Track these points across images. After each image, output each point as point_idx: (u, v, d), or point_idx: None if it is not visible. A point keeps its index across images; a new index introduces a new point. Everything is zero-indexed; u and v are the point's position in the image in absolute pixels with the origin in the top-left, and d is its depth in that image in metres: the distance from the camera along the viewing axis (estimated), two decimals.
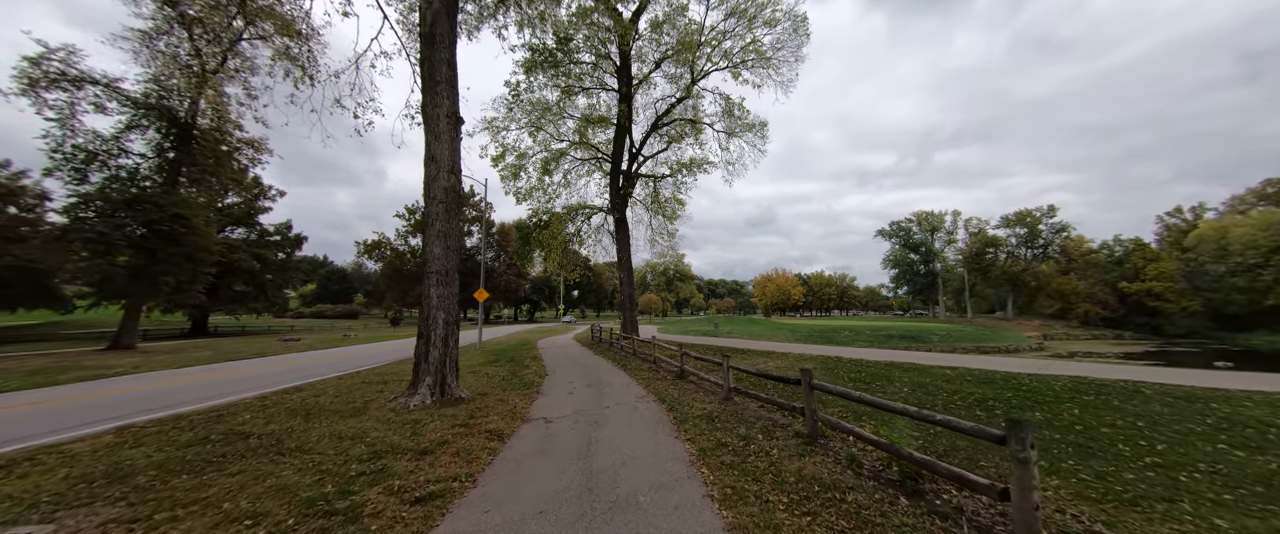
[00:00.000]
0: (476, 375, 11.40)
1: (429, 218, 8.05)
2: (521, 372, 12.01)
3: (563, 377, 11.16)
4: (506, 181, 19.22)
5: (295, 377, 11.95)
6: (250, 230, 45.13)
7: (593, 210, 20.46)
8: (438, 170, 8.03)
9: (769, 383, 8.51)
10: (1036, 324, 65.11)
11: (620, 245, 19.72)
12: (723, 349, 17.38)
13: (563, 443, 5.50)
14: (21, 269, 26.27)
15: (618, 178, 19.87)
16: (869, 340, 45.30)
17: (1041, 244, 69.69)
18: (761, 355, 14.64)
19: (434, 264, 7.98)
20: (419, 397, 7.61)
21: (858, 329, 51.98)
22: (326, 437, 5.70)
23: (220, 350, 22.23)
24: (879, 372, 10.31)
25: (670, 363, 11.89)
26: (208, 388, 10.09)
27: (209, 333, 41.17)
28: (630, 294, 20.27)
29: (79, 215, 22.14)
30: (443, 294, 7.99)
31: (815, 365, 11.56)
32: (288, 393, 8.87)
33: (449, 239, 8.06)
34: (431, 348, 7.89)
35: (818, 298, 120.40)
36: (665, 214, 21.17)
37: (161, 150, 24.07)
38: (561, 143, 18.69)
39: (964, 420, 3.71)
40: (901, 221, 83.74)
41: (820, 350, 17.34)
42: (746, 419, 6.37)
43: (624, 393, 8.72)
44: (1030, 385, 8.35)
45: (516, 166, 19.12)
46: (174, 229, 22.85)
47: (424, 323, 8.00)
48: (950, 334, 48.01)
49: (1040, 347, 48.02)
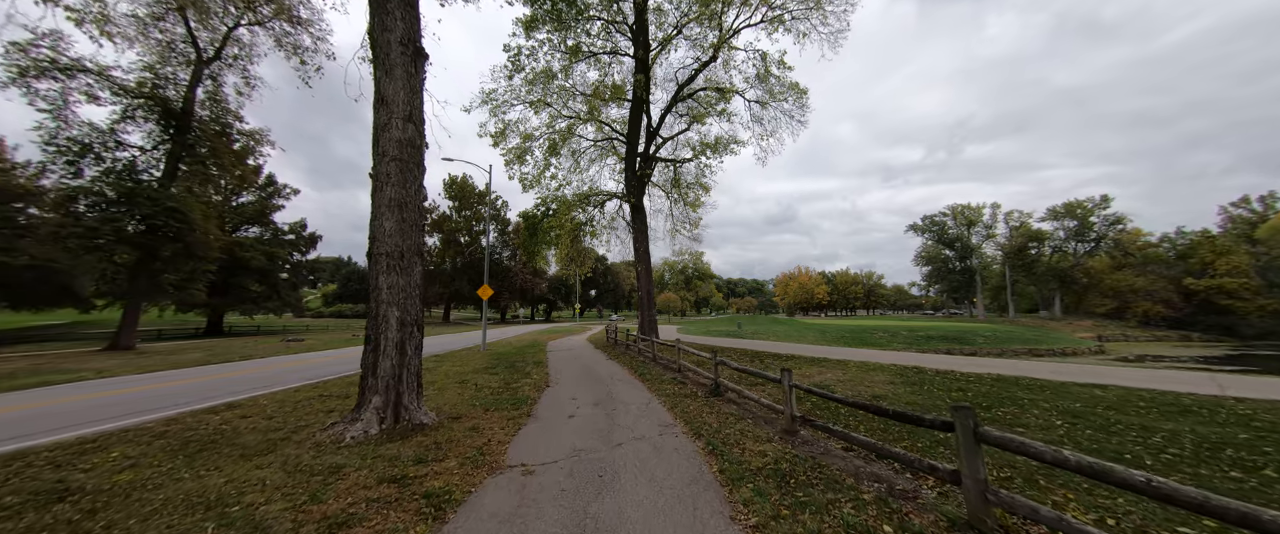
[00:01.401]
0: (463, 387, 9.33)
1: (378, 180, 5.95)
2: (518, 382, 9.89)
3: (566, 389, 8.98)
4: (511, 166, 17.20)
5: (258, 385, 10.14)
6: (264, 229, 44.73)
7: (606, 196, 18.27)
8: (389, 116, 5.92)
9: (861, 414, 6.06)
10: (1089, 324, 60.16)
11: (637, 235, 17.46)
12: (757, 353, 14.95)
13: (539, 527, 3.28)
14: (41, 269, 25.74)
15: (634, 161, 17.61)
16: (907, 342, 42.00)
17: (1093, 237, 64.34)
18: (811, 364, 12.10)
19: (384, 243, 5.88)
20: (362, 425, 5.52)
21: (892, 330, 48.53)
22: (178, 501, 3.63)
23: (214, 352, 20.93)
24: (989, 391, 7.72)
25: (700, 373, 9.58)
26: (141, 401, 8.30)
27: (223, 333, 40.84)
28: (648, 290, 18.00)
29: (69, 210, 21.24)
30: (396, 285, 5.88)
31: (893, 379, 9.04)
32: (209, 413, 6.93)
33: (406, 210, 5.94)
34: (381, 357, 5.80)
35: (843, 297, 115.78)
36: (687, 201, 18.80)
37: (159, 142, 23.03)
38: (570, 118, 16.52)
39: None
40: (935, 216, 79.10)
41: (881, 358, 14.60)
42: (837, 478, 4.02)
43: (643, 418, 6.45)
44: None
45: (521, 149, 17.06)
46: (169, 224, 21.73)
47: (372, 323, 5.92)
48: (996, 335, 44.26)
49: (1100, 349, 43.72)
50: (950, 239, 77.90)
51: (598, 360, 14.23)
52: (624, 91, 15.54)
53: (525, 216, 18.57)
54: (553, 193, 17.69)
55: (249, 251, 37.44)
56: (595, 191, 18.10)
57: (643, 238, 17.80)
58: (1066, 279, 65.01)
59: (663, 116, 17.96)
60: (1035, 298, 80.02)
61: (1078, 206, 64.59)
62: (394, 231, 5.86)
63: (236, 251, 36.93)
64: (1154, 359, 32.98)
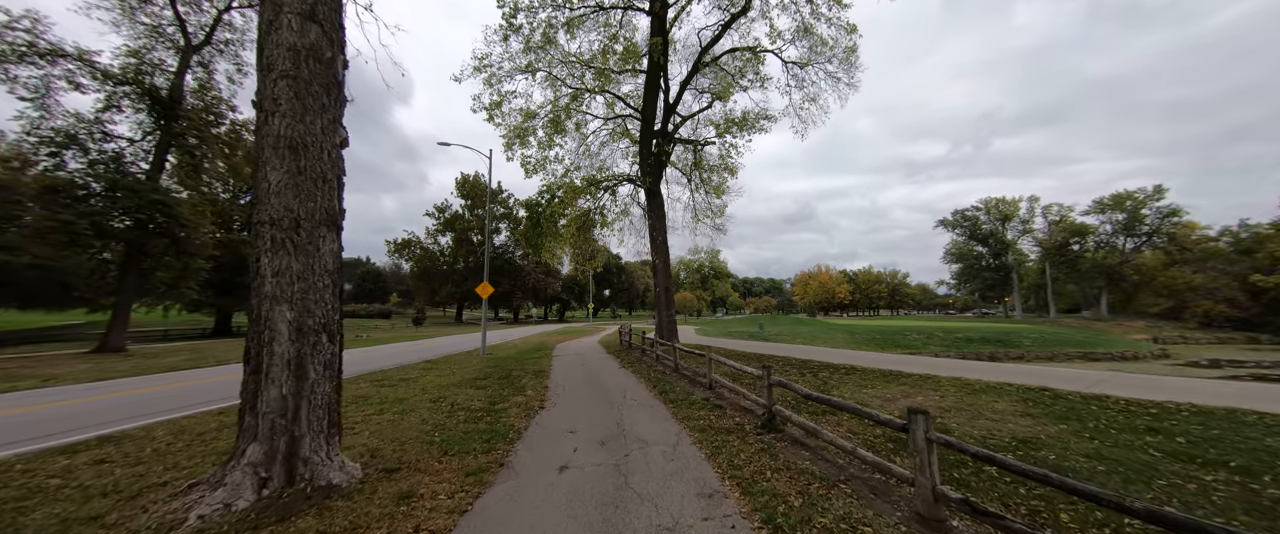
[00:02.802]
0: (435, 408, 7.25)
1: (262, 110, 3.86)
2: (506, 401, 7.77)
3: (565, 414, 6.82)
4: (512, 148, 15.14)
5: (198, 400, 8.31)
6: None
7: (618, 180, 16.10)
8: (277, 11, 3.82)
9: (1057, 494, 3.65)
10: (1141, 325, 55.75)
11: (654, 223, 15.24)
12: (803, 362, 12.53)
13: None
14: (42, 268, 24.79)
15: (649, 140, 15.38)
16: (944, 344, 38.86)
17: (1144, 231, 59.59)
18: (883, 380, 9.30)
19: (269, 206, 3.78)
20: (224, 492, 3.44)
21: (926, 331, 45.29)
22: None
23: (201, 354, 19.46)
24: (1199, 432, 5.20)
25: (740, 392, 7.31)
26: (37, 424, 6.45)
27: (231, 333, 40.16)
28: (666, 287, 15.77)
29: (49, 204, 20.08)
30: (287, 270, 3.78)
31: (1024, 408, 6.50)
32: (66, 453, 4.96)
33: (305, 156, 3.84)
34: (265, 383, 3.71)
35: (865, 296, 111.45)
36: (711, 187, 16.52)
37: (148, 133, 21.75)
38: (575, 88, 14.37)
39: None
40: (967, 210, 74.82)
41: (971, 370, 11.82)
42: None
43: (673, 478, 4.20)
44: None
45: (522, 130, 14.98)
46: (155, 219, 20.41)
47: (252, 329, 3.85)
48: (1043, 337, 40.77)
49: (1164, 353, 39.75)
50: (983, 235, 73.56)
51: (608, 369, 12.05)
52: (637, 51, 13.28)
53: (527, 205, 16.51)
54: (558, 179, 15.58)
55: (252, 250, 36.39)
56: (606, 176, 15.94)
57: (660, 227, 15.56)
58: (1114, 276, 60.44)
59: (681, 91, 15.68)
60: (1075, 297, 75.12)
61: (1128, 198, 59.94)
62: (285, 187, 3.75)
63: (241, 250, 36.04)
64: (1231, 364, 29.30)
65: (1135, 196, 59.85)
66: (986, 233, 73.19)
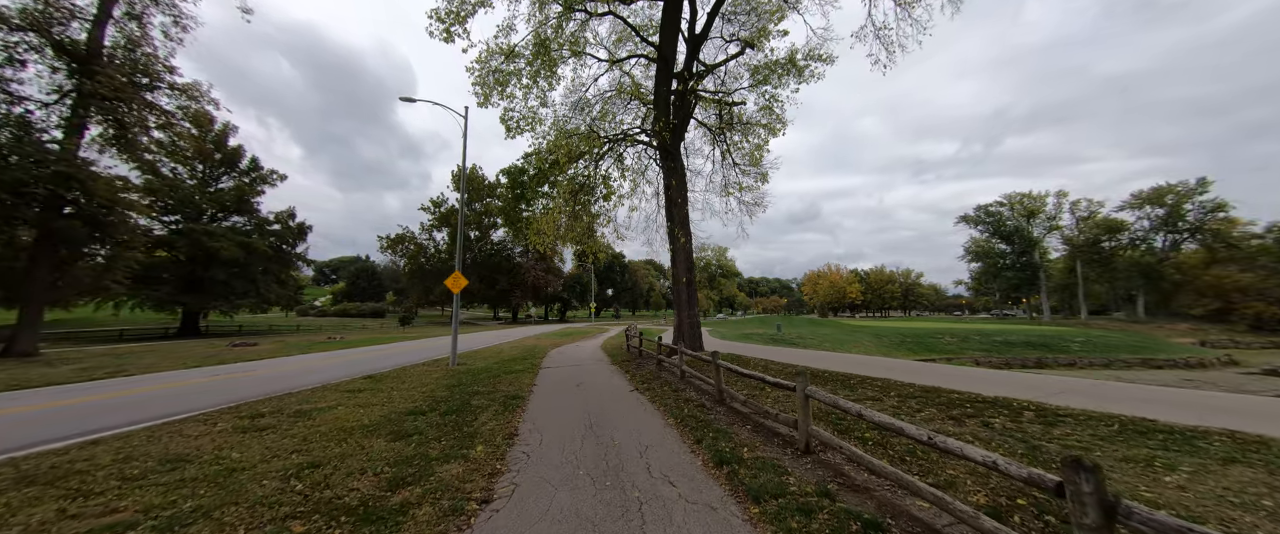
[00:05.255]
0: (277, 498, 3.57)
1: None
2: (421, 483, 4.11)
3: (530, 517, 3.14)
4: (490, 97, 11.45)
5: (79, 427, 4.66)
6: (248, 218, 40.38)
7: (624, 139, 12.38)
8: None
9: None
10: (1185, 328, 51.80)
11: (672, 192, 11.54)
12: (884, 384, 8.77)
13: None
14: None
15: (667, 81, 11.66)
16: (983, 348, 35.01)
17: (1185, 228, 55.50)
18: (970, 405, 5.87)
19: None
20: None
21: (959, 333, 41.41)
22: None
23: (130, 360, 15.82)
24: None
25: (858, 459, 3.58)
26: None
27: (200, 333, 36.60)
28: (688, 277, 12.05)
29: None
30: None
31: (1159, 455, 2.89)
32: None
33: None
34: None
35: (878, 296, 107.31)
36: (751, 143, 12.84)
37: (63, 94, 18.15)
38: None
39: None
40: (990, 206, 70.72)
41: (1044, 388, 8.20)
42: None
43: None
44: None
45: (503, 75, 11.29)
46: (57, 195, 16.84)
47: None
48: (1092, 341, 36.88)
49: (1230, 360, 35.66)
50: (1007, 232, 69.53)
51: (614, 394, 8.33)
52: None
53: (508, 174, 12.78)
54: (550, 142, 11.84)
55: (219, 241, 32.77)
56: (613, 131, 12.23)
57: (679, 202, 11.85)
58: (1152, 276, 56.39)
59: (711, 20, 11.93)
60: (1102, 297, 71.10)
61: (1168, 192, 55.88)
62: None
63: (204, 241, 32.44)
64: None
65: (1176, 190, 55.80)
66: (1011, 230, 69.05)
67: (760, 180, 12.59)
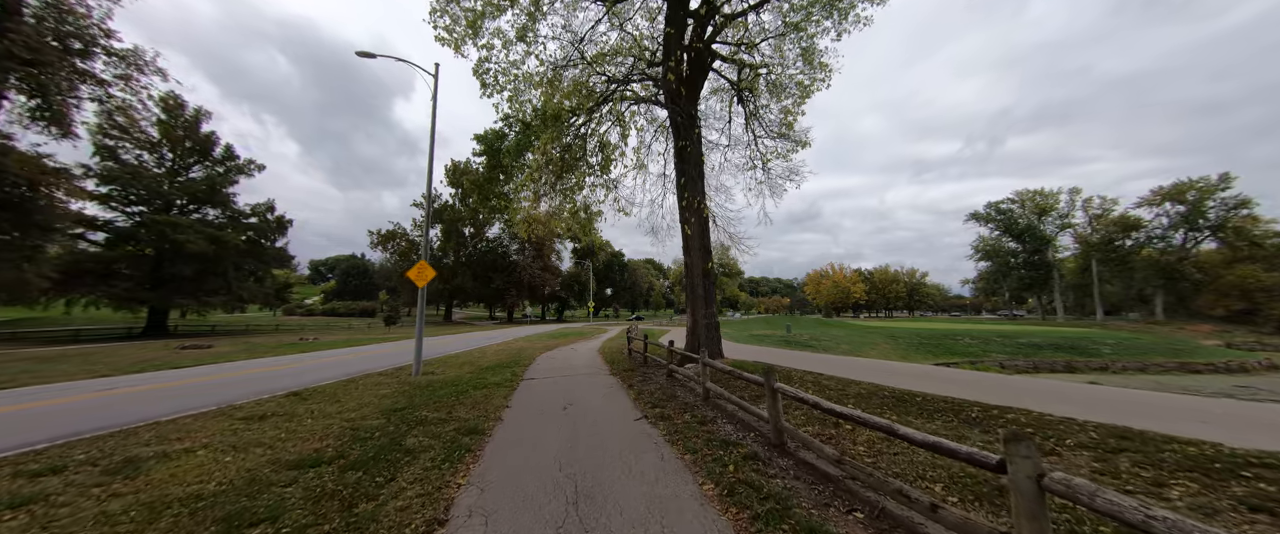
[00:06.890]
0: None
1: None
2: None
3: None
4: (461, 41, 9.03)
5: None
6: (223, 211, 37.82)
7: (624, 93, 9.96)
8: None
9: None
10: (1208, 329, 49.49)
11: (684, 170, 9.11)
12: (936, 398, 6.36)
13: None
14: None
15: (681, 25, 9.23)
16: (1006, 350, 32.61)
17: (1207, 225, 53.33)
18: (1059, 430, 3.64)
19: None
20: None
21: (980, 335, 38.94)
22: None
23: (54, 366, 13.34)
24: None
25: None
26: None
27: (169, 333, 34.00)
28: (705, 269, 9.66)
29: None
30: None
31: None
32: None
33: None
34: None
35: (882, 296, 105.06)
36: (783, 102, 10.47)
37: None
38: None
39: None
40: (1001, 203, 68.53)
41: (1128, 407, 5.91)
42: None
43: None
44: None
45: (474, 13, 8.86)
46: None
47: None
48: (1123, 344, 34.51)
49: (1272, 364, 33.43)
50: (1019, 230, 67.33)
51: (612, 422, 5.95)
52: None
53: (482, 139, 10.29)
54: (537, 104, 9.41)
55: (184, 234, 30.16)
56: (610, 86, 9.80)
57: (695, 177, 9.44)
58: (1172, 275, 54.21)
59: None
60: (1116, 297, 68.98)
61: (1189, 188, 53.69)
62: None
63: (167, 233, 29.87)
64: None
65: (1197, 186, 53.60)
66: (1023, 228, 66.81)
67: (798, 147, 10.14)
